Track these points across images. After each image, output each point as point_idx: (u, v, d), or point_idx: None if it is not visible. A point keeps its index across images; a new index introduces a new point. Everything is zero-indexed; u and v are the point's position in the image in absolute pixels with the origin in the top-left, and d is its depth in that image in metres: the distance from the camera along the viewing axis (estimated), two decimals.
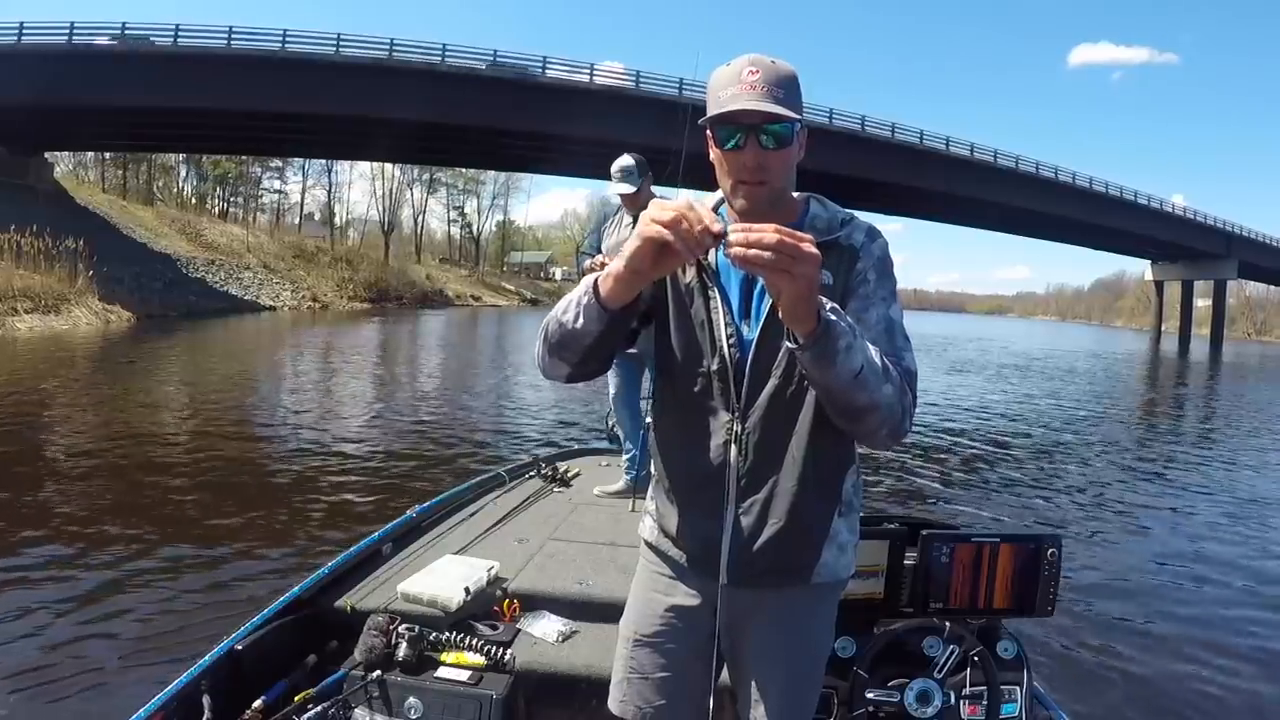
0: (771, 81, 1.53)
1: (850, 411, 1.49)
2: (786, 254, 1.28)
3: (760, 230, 1.30)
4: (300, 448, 9.56)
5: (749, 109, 1.51)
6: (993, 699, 2.31)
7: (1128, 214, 53.73)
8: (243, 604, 4.49)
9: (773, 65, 1.55)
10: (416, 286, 65.73)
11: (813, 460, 1.66)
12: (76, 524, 6.19)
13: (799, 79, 1.58)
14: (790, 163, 1.60)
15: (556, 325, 1.61)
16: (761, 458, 1.67)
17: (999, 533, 2.42)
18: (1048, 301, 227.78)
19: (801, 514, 1.67)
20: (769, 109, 1.51)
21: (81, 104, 32.80)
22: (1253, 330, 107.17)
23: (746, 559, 1.69)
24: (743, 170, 1.57)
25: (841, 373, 1.41)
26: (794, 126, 1.56)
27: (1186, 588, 6.27)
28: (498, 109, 35.44)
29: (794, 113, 1.54)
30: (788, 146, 1.57)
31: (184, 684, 2.30)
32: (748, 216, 1.57)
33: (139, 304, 31.57)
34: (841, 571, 1.76)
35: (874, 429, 1.51)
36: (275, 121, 36.33)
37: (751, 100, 1.51)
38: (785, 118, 1.53)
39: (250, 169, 71.39)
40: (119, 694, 3.63)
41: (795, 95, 1.56)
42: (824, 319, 1.37)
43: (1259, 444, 14.66)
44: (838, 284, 1.61)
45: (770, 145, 1.55)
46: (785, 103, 1.53)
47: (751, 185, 1.58)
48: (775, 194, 1.61)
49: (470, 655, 2.55)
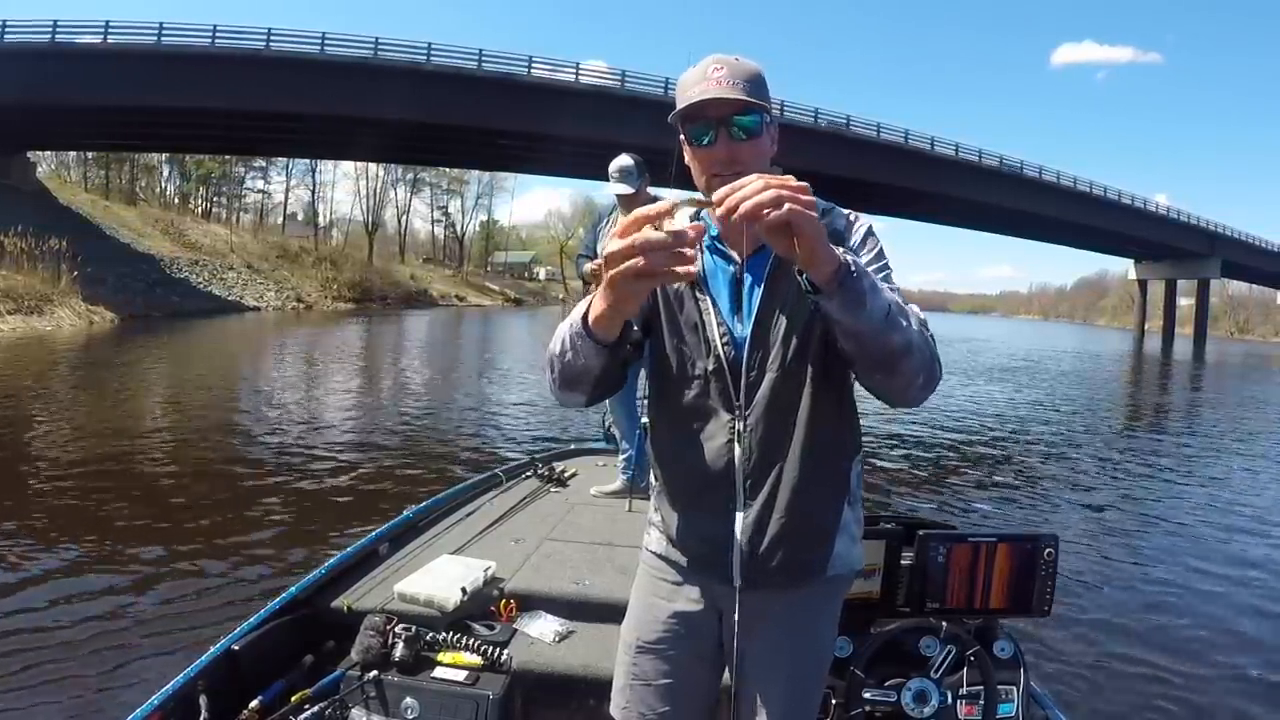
0: (737, 76, 1.56)
1: (888, 358, 1.44)
2: (776, 193, 1.23)
3: (741, 183, 1.25)
4: (292, 449, 9.52)
5: (716, 98, 1.53)
6: (989, 699, 2.32)
7: (1112, 213, 54.03)
8: (240, 604, 4.48)
9: (737, 62, 1.58)
10: (401, 287, 65.57)
11: (818, 451, 1.65)
12: (68, 526, 6.15)
13: (764, 76, 1.61)
14: (763, 155, 1.62)
15: (559, 363, 1.58)
16: (766, 454, 1.66)
17: (996, 533, 2.43)
18: (1031, 300, 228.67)
19: (812, 507, 1.67)
20: (735, 97, 1.54)
21: (65, 103, 32.54)
22: (1235, 329, 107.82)
23: (760, 558, 1.67)
24: (715, 164, 1.58)
25: (874, 312, 1.37)
26: (762, 117, 1.58)
27: (1184, 587, 6.30)
28: (483, 108, 35.36)
29: (761, 100, 1.57)
30: (758, 137, 1.59)
31: (181, 684, 2.29)
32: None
33: (122, 305, 31.39)
34: (855, 562, 1.77)
35: (912, 375, 1.47)
36: (259, 121, 36.18)
37: (718, 92, 1.54)
38: (753, 105, 1.56)
39: (233, 169, 70.95)
40: (116, 694, 3.63)
41: (762, 89, 1.59)
42: (845, 258, 1.34)
43: (1253, 442, 14.77)
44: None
45: (741, 137, 1.57)
46: (752, 96, 1.56)
47: (726, 178, 1.50)
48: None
49: (467, 655, 2.55)
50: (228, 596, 4.89)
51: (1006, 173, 48.35)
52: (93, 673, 3.89)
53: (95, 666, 3.95)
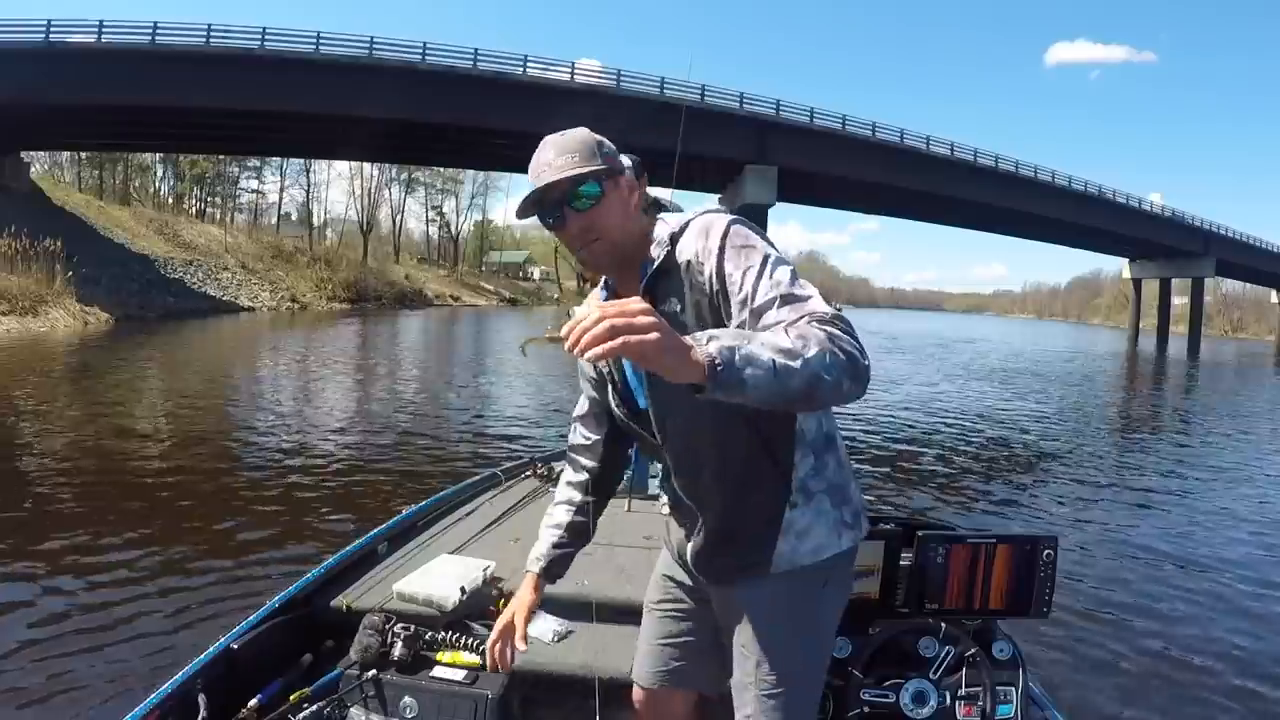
0: (561, 151, 1.63)
1: (797, 401, 1.36)
2: (609, 325, 1.21)
3: (576, 318, 1.24)
4: (289, 449, 9.51)
5: (548, 184, 1.61)
6: (988, 699, 2.33)
7: (1106, 212, 54.04)
8: (238, 603, 4.47)
9: (561, 138, 1.66)
10: (395, 286, 65.46)
11: (741, 470, 1.74)
12: (64, 527, 6.14)
13: (595, 139, 1.68)
14: (616, 209, 1.67)
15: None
16: (692, 480, 1.81)
17: (995, 533, 2.44)
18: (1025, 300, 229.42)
19: (740, 519, 1.78)
20: (560, 176, 1.60)
21: (58, 103, 32.45)
22: (1229, 328, 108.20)
23: (699, 562, 1.88)
24: (574, 240, 1.66)
25: (760, 382, 1.29)
26: (602, 179, 1.64)
27: (1184, 588, 6.30)
28: (478, 107, 35.32)
29: (591, 166, 1.62)
30: (604, 198, 1.64)
31: (179, 683, 2.29)
32: (605, 271, 1.77)
33: (117, 305, 31.36)
34: (803, 559, 1.76)
35: (830, 396, 1.38)
36: (254, 120, 36.12)
37: (547, 178, 1.61)
38: (585, 176, 1.61)
39: (227, 168, 70.76)
40: (114, 694, 3.62)
41: (591, 153, 1.64)
42: (706, 355, 1.25)
43: (1251, 440, 14.84)
44: (690, 302, 1.63)
45: (584, 206, 1.63)
46: (584, 164, 1.61)
47: (587, 246, 1.65)
48: (615, 244, 1.67)
49: (466, 655, 2.55)
50: (225, 596, 4.88)
51: (1001, 172, 48.31)
52: (90, 672, 3.89)
53: (93, 666, 3.95)
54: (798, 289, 1.50)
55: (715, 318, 1.60)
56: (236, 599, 4.73)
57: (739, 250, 1.58)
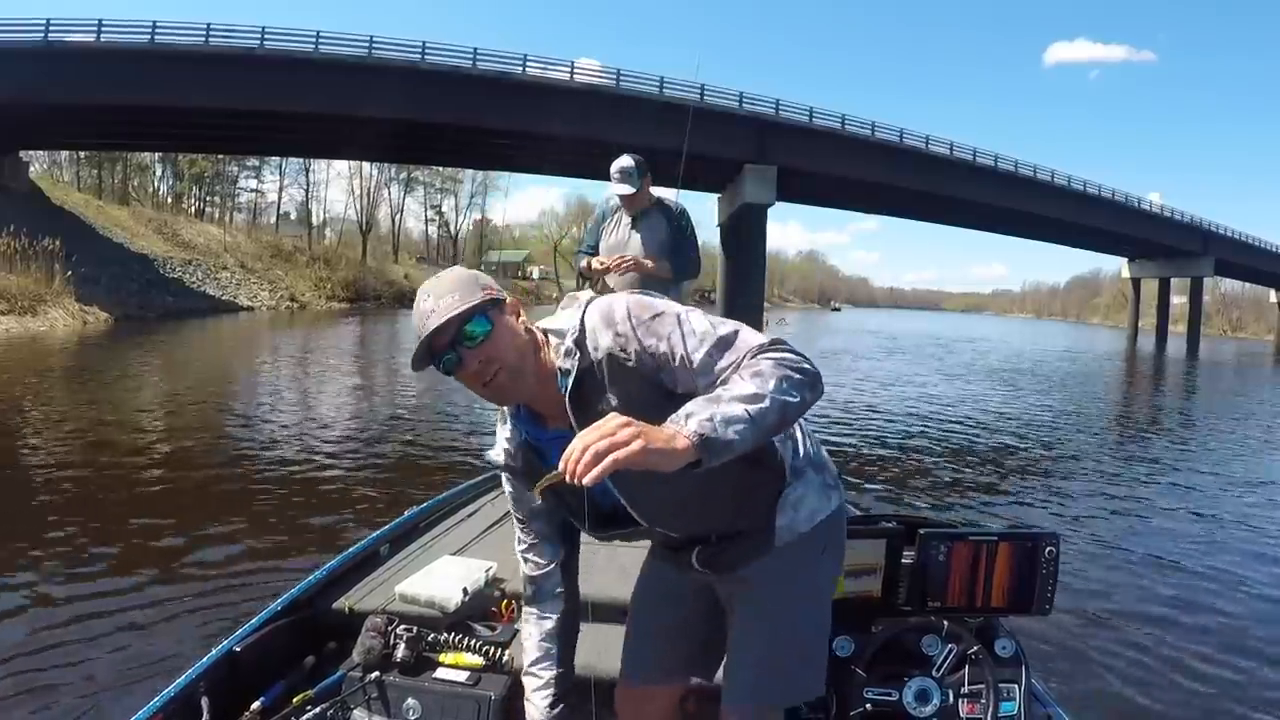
0: (442, 294, 1.62)
1: (778, 430, 1.50)
2: (594, 452, 1.30)
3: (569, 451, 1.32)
4: (291, 450, 9.49)
5: (434, 332, 1.59)
6: (991, 697, 2.33)
7: (1105, 212, 54.03)
8: (240, 606, 4.47)
9: (437, 282, 1.66)
10: (394, 286, 65.46)
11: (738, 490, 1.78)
12: (64, 529, 6.13)
13: (471, 275, 1.68)
14: (508, 336, 1.65)
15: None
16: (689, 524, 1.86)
17: (997, 531, 2.44)
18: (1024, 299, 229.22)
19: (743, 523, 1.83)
20: (445, 319, 1.58)
21: (57, 102, 32.41)
22: (1228, 327, 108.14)
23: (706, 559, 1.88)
24: (475, 378, 1.64)
25: (744, 434, 1.39)
26: (487, 311, 1.62)
27: (1185, 584, 6.32)
28: (478, 107, 35.29)
29: (473, 302, 1.61)
30: (491, 330, 1.62)
31: (182, 686, 2.29)
32: (515, 399, 1.73)
33: (116, 305, 31.39)
34: (801, 526, 1.84)
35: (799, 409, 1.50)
36: (253, 120, 36.09)
37: (432, 324, 1.59)
38: (466, 315, 1.60)
39: (226, 168, 70.68)
40: (117, 697, 3.61)
41: (470, 289, 1.63)
42: (693, 435, 1.36)
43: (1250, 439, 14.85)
44: (621, 394, 1.63)
45: (473, 343, 1.61)
46: (462, 301, 1.60)
47: (490, 382, 1.64)
48: (515, 369, 1.64)
49: (468, 656, 2.55)
50: (228, 598, 4.87)
51: (1001, 171, 48.30)
52: (92, 675, 3.88)
53: (96, 669, 3.94)
54: (722, 330, 1.60)
55: (655, 394, 1.62)
56: (239, 601, 4.72)
57: (650, 324, 1.63)
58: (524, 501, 1.97)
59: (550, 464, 1.70)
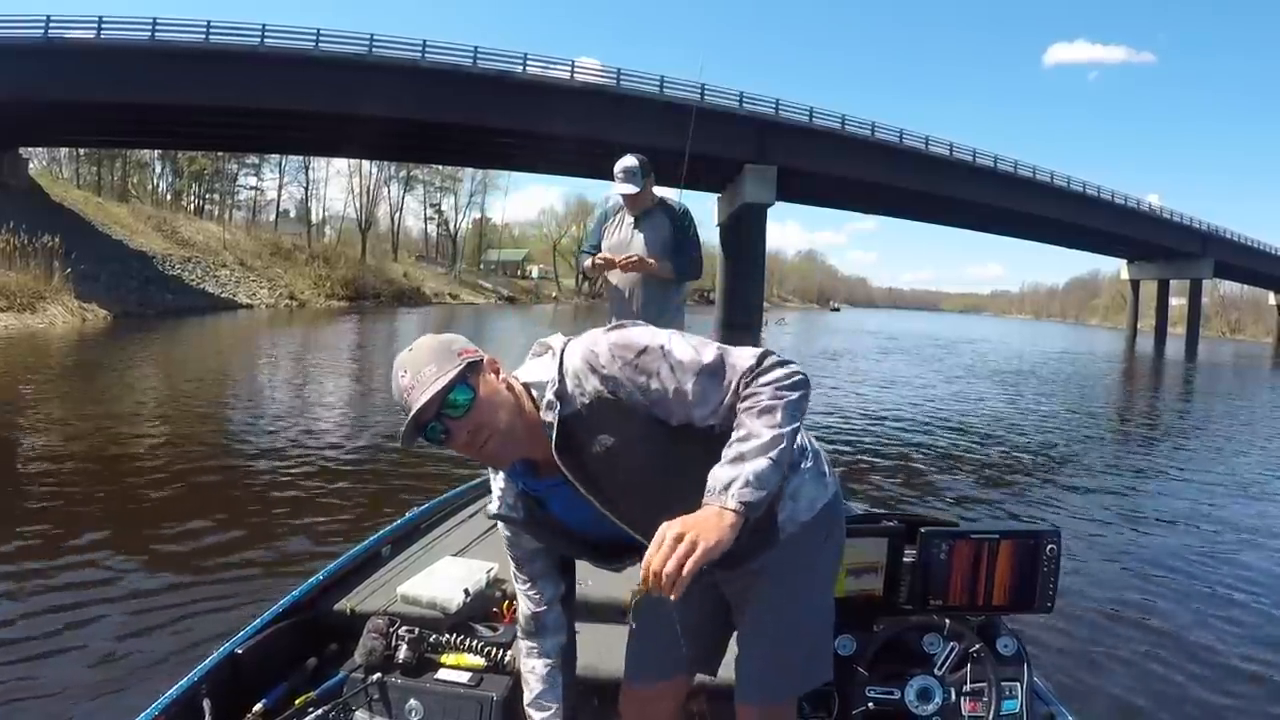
0: (419, 367, 1.60)
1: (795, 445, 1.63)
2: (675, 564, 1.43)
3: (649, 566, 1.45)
4: (291, 451, 9.45)
5: (419, 410, 1.57)
6: (993, 695, 2.33)
7: (1104, 213, 54.11)
8: (242, 608, 4.46)
9: (410, 354, 1.63)
10: (394, 284, 65.47)
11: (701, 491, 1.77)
12: (65, 531, 6.09)
13: (444, 342, 1.65)
14: (493, 399, 1.63)
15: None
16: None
17: (998, 529, 2.43)
18: (1023, 300, 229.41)
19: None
20: (428, 396, 1.56)
21: (57, 99, 32.40)
22: (1227, 329, 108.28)
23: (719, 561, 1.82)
24: (466, 447, 1.63)
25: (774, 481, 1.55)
26: (464, 381, 1.60)
27: (1187, 581, 6.32)
28: (478, 106, 35.34)
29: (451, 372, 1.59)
30: (474, 398, 1.60)
31: (184, 688, 2.28)
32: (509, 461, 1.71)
33: (115, 302, 31.39)
34: (802, 515, 1.86)
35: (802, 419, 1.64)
36: (253, 118, 36.10)
37: (415, 400, 1.57)
38: (448, 386, 1.57)
39: (226, 165, 70.71)
40: (119, 699, 3.60)
41: (445, 357, 1.61)
42: (738, 506, 1.50)
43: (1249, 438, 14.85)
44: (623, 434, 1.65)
45: (459, 414, 1.59)
46: (440, 372, 1.58)
47: (480, 449, 1.62)
48: (505, 432, 1.63)
49: (470, 657, 2.54)
50: (230, 600, 4.86)
51: (1000, 172, 48.38)
52: (94, 678, 3.87)
53: (97, 672, 3.93)
54: (706, 358, 1.63)
55: (651, 429, 1.65)
56: (240, 603, 4.71)
57: (636, 362, 1.64)
58: (520, 545, 1.97)
59: (550, 511, 1.79)
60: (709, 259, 37.29)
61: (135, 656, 4.11)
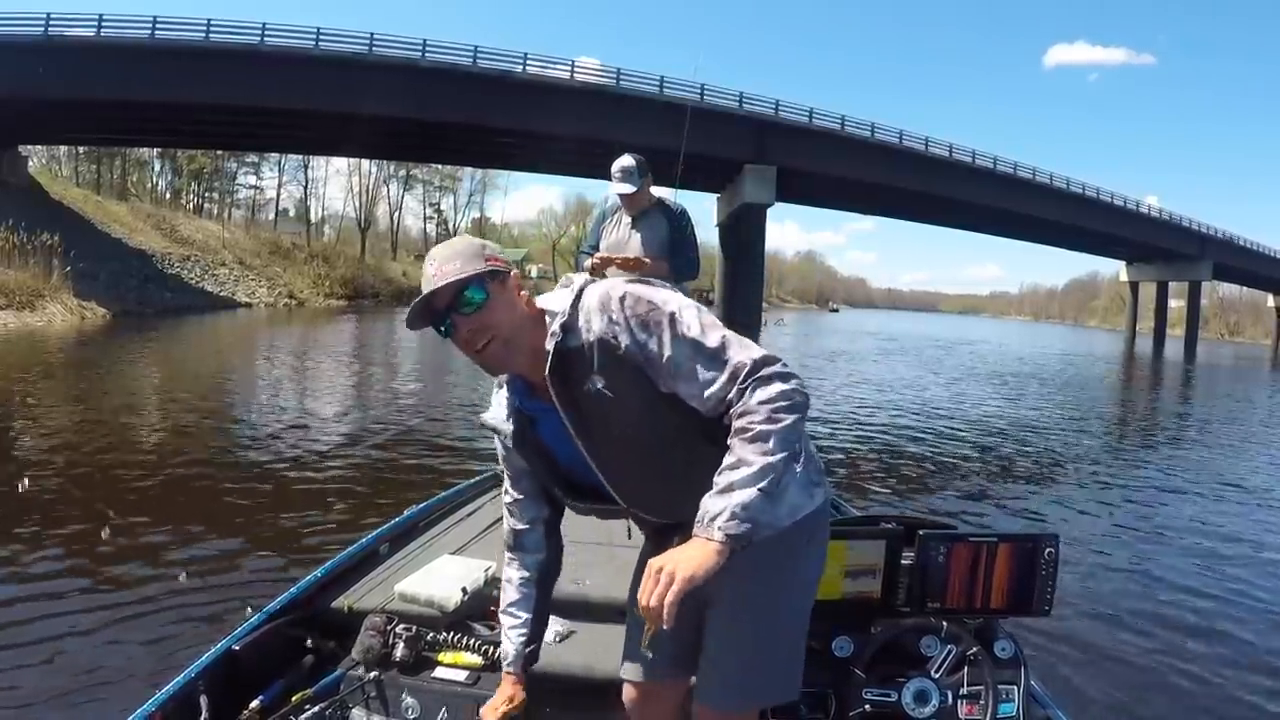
0: (444, 260, 1.69)
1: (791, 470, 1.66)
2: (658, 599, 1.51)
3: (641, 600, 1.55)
4: (290, 448, 9.44)
5: (432, 293, 1.67)
6: (990, 698, 2.33)
7: (1103, 214, 54.14)
8: (240, 604, 4.46)
9: (445, 247, 1.74)
10: (393, 284, 65.44)
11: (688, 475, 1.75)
12: (63, 527, 6.11)
13: (478, 245, 1.74)
14: (503, 308, 1.71)
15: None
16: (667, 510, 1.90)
17: (996, 532, 2.44)
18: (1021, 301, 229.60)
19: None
20: (443, 284, 1.66)
21: (57, 97, 32.36)
22: (1226, 331, 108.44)
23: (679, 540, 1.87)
24: (467, 344, 1.71)
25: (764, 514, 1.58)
26: (484, 282, 1.68)
27: (1185, 585, 6.29)
28: (478, 105, 35.32)
29: (471, 271, 1.67)
30: (485, 301, 1.68)
31: (181, 684, 2.29)
32: (506, 369, 1.79)
33: (114, 301, 31.39)
34: (783, 520, 1.81)
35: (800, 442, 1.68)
36: (253, 116, 36.10)
37: (431, 285, 1.67)
38: (464, 283, 1.66)
39: (225, 164, 70.63)
40: (116, 695, 3.60)
41: (473, 258, 1.70)
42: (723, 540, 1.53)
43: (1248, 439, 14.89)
44: (616, 382, 1.69)
45: (469, 310, 1.68)
46: (463, 269, 1.67)
47: (482, 350, 1.70)
48: (507, 340, 1.70)
49: (468, 655, 2.55)
50: (227, 597, 4.84)
51: (1000, 173, 48.40)
52: (91, 673, 3.86)
53: (95, 667, 3.92)
54: (711, 340, 1.65)
55: (641, 386, 1.69)
56: (238, 600, 4.70)
57: (643, 317, 1.68)
58: (511, 460, 2.00)
59: (539, 433, 1.84)
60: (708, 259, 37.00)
61: (131, 652, 4.10)
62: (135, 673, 3.85)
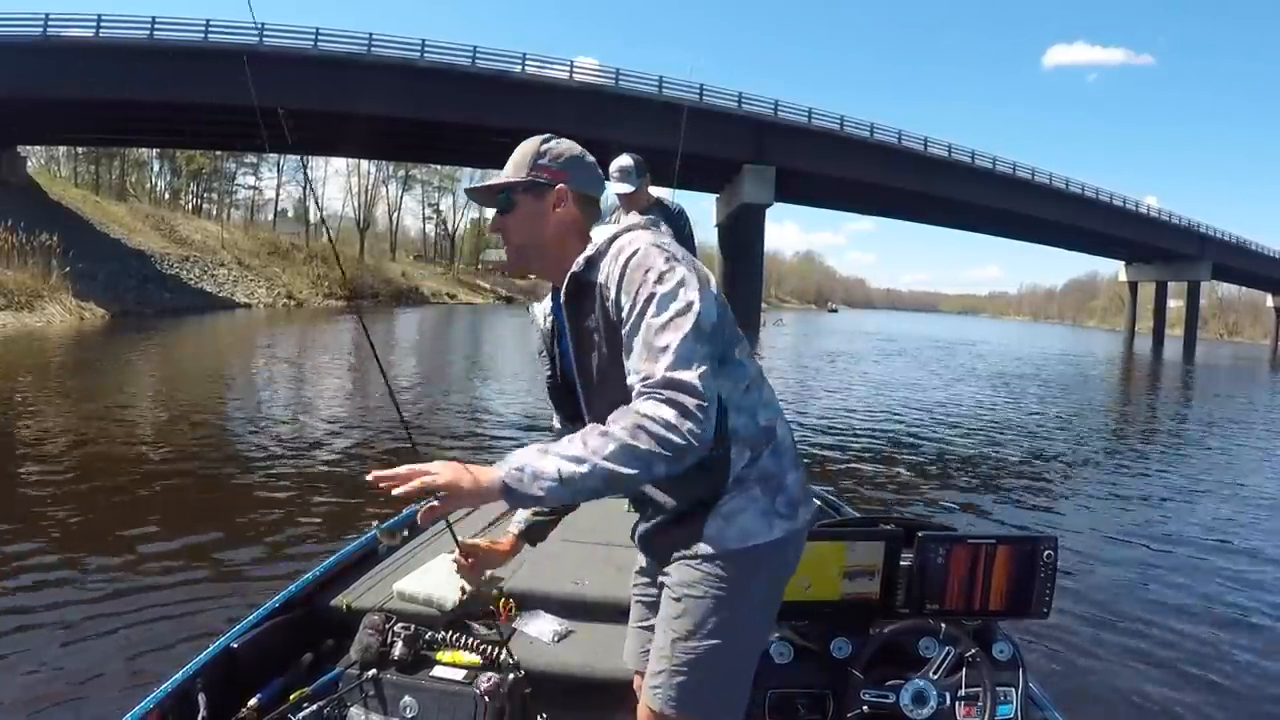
0: (510, 161, 1.89)
1: (600, 494, 1.57)
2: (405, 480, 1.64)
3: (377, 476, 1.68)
4: (289, 447, 9.46)
5: (469, 190, 1.99)
6: (988, 700, 2.33)
7: (1103, 214, 54.18)
8: (238, 602, 4.46)
9: (521, 146, 1.91)
10: (392, 284, 65.41)
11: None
12: (61, 526, 6.11)
13: (535, 153, 1.88)
14: (525, 220, 1.85)
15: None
16: None
17: (995, 534, 2.43)
18: (1020, 302, 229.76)
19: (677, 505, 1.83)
20: (482, 184, 1.91)
21: (55, 97, 32.40)
22: (1225, 331, 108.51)
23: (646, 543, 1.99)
24: (495, 235, 1.92)
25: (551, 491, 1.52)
26: (510, 194, 1.84)
27: (1184, 587, 6.29)
28: (476, 105, 35.33)
29: (515, 178, 1.84)
30: (511, 209, 1.84)
31: (179, 682, 2.29)
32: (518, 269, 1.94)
33: (113, 301, 31.39)
34: (729, 542, 1.75)
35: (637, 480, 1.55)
36: (252, 116, 35.99)
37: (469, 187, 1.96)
38: (498, 187, 1.85)
39: (224, 164, 70.61)
40: (114, 692, 3.59)
41: (522, 165, 1.85)
42: (497, 480, 1.55)
43: (1247, 440, 14.89)
44: (602, 323, 1.75)
45: (500, 212, 1.86)
46: (511, 174, 1.85)
47: (506, 245, 1.88)
48: (519, 246, 1.87)
49: (466, 654, 2.54)
50: (226, 595, 4.85)
51: (999, 173, 48.44)
52: (90, 671, 3.86)
53: (93, 665, 3.92)
54: (662, 337, 1.59)
55: (614, 334, 1.72)
56: (237, 598, 4.70)
57: (633, 277, 1.67)
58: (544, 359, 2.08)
59: (561, 345, 1.94)
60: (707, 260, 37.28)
61: (130, 650, 4.10)
62: (134, 670, 3.85)
